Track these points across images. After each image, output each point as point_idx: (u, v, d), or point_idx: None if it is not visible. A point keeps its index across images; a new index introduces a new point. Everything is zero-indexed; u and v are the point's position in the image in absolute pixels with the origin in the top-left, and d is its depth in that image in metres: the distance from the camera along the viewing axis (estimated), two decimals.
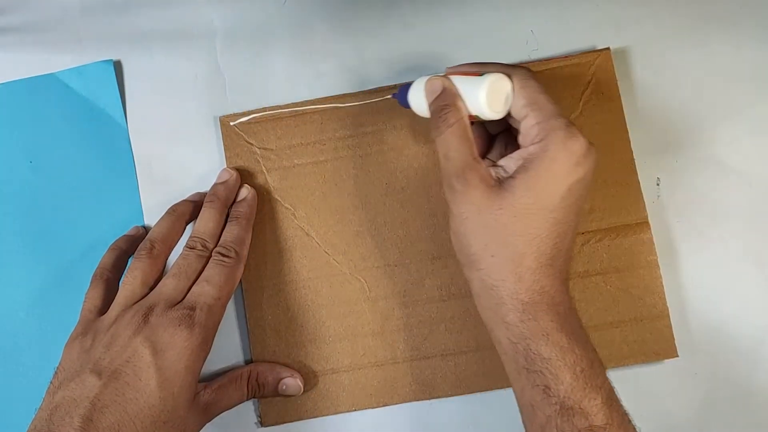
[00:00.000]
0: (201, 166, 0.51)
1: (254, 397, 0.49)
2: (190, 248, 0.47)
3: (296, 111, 0.51)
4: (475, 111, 0.43)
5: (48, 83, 0.51)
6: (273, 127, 0.51)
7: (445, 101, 0.43)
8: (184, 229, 0.49)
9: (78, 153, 0.51)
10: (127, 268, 0.47)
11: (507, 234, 0.40)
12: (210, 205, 0.49)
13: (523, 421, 0.41)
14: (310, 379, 0.49)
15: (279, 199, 0.50)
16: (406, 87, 0.47)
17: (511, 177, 0.41)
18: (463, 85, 0.43)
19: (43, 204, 0.50)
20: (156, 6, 0.53)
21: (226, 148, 0.51)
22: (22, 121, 0.51)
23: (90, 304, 0.47)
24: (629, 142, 0.50)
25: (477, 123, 0.45)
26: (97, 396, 0.40)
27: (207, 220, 0.48)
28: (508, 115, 0.43)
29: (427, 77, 0.44)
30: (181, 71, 0.52)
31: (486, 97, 0.41)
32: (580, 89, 0.50)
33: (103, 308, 0.46)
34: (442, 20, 0.52)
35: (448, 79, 0.43)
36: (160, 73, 0.52)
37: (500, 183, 0.41)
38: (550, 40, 0.52)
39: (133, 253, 0.48)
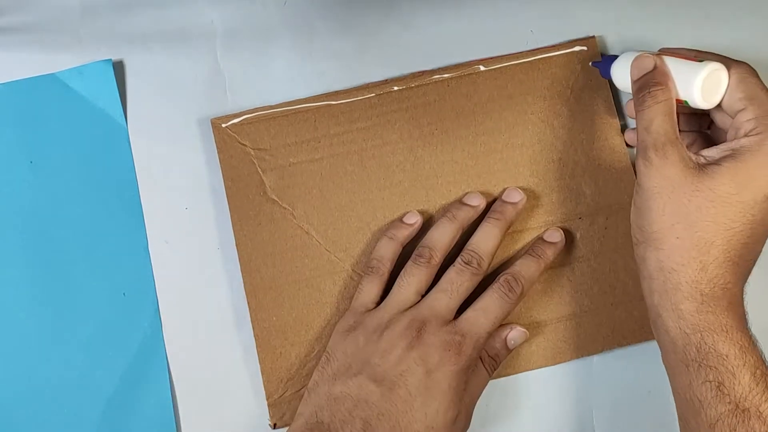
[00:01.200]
0: (201, 166, 0.51)
1: (495, 370, 0.47)
2: (466, 263, 0.46)
3: (289, 110, 0.51)
4: (684, 96, 0.42)
5: (48, 83, 0.51)
6: (266, 127, 0.50)
7: (656, 79, 0.42)
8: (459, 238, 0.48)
9: (78, 153, 0.51)
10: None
11: (698, 218, 0.39)
12: (494, 223, 0.47)
13: (681, 414, 0.40)
14: None
15: (276, 199, 0.50)
16: (609, 58, 0.47)
17: (715, 164, 0.40)
18: (676, 67, 0.42)
19: (43, 204, 0.50)
20: (156, 6, 0.53)
21: (219, 151, 0.50)
22: (22, 121, 0.51)
23: (365, 298, 0.47)
24: (618, 126, 0.50)
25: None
26: (375, 403, 0.41)
27: (487, 238, 0.47)
28: (718, 107, 0.42)
29: (636, 53, 0.44)
30: (182, 71, 0.52)
31: (701, 85, 0.41)
32: (570, 77, 0.51)
33: (374, 303, 0.47)
34: (441, 20, 0.53)
35: (661, 58, 0.43)
36: (160, 73, 0.52)
37: (700, 167, 0.40)
38: (550, 40, 0.52)
39: (405, 244, 0.48)
